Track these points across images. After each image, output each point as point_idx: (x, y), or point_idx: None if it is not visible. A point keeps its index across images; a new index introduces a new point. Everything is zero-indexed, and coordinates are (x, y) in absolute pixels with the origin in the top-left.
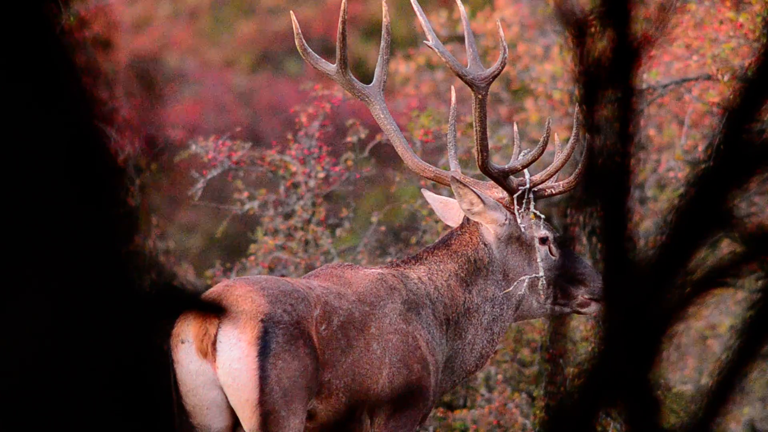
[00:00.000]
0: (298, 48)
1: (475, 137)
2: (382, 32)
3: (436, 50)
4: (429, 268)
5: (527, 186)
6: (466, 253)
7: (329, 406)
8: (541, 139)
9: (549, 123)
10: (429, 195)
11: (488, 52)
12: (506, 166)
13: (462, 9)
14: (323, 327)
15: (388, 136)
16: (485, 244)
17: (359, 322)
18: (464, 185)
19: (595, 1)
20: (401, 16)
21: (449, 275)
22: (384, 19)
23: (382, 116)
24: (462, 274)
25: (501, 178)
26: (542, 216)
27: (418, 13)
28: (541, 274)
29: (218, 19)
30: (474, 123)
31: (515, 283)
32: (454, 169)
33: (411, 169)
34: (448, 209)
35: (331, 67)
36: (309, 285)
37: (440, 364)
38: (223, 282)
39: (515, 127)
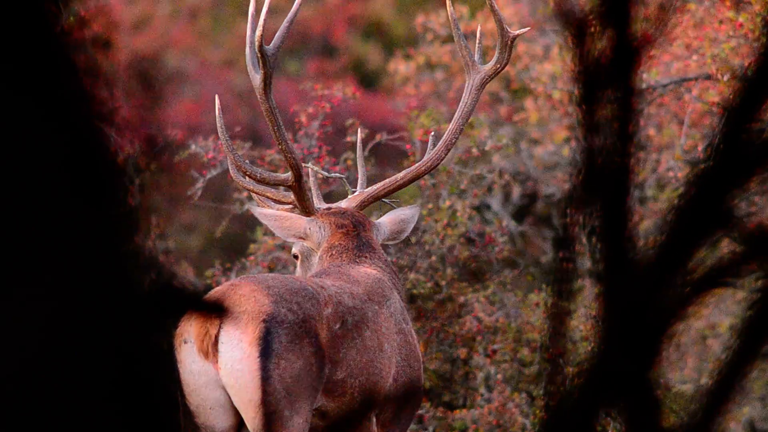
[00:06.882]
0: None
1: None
2: None
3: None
4: (386, 270)
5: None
6: (380, 248)
7: (342, 404)
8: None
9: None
10: (258, 211)
11: (488, 52)
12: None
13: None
14: (337, 326)
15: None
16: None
17: (372, 322)
18: None
19: (595, 1)
20: (401, 15)
21: (393, 274)
22: None
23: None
24: (393, 271)
25: None
26: None
27: None
28: None
29: (218, 19)
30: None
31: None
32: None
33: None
34: (284, 222)
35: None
36: (321, 284)
37: None
38: (231, 281)
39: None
